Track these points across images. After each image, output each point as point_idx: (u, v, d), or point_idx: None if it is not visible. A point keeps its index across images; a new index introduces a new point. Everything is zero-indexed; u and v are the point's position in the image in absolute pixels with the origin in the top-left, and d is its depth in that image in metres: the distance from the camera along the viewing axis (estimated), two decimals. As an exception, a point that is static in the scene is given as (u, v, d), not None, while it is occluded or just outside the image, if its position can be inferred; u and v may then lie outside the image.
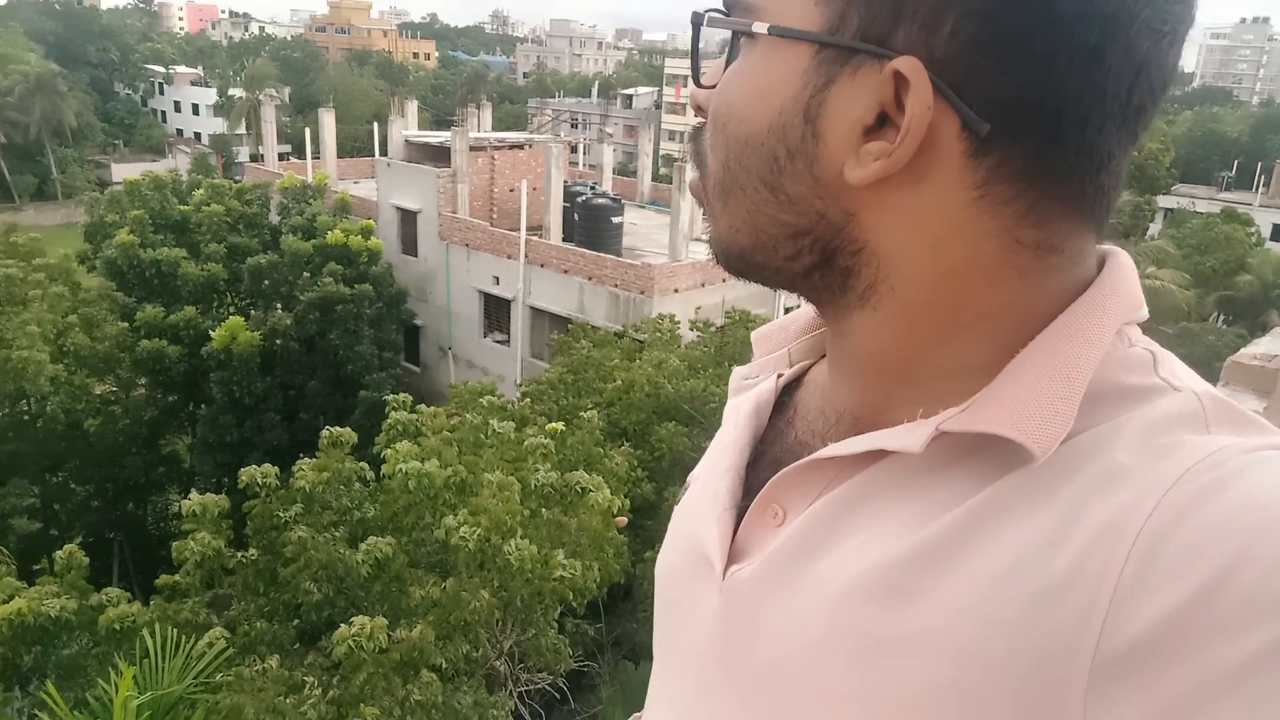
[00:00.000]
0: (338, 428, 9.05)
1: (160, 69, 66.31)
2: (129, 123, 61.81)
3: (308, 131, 29.77)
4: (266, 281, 19.27)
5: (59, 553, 8.90)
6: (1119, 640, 0.50)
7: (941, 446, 0.61)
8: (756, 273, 0.69)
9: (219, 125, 56.19)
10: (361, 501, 8.75)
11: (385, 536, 7.85)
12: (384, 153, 24.95)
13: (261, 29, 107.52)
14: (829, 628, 0.62)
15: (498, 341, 20.81)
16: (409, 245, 22.09)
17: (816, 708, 0.63)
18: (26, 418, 16.11)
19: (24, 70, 48.19)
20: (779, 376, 0.85)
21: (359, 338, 18.67)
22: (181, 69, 67.52)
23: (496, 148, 23.00)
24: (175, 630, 6.27)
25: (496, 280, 20.18)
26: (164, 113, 65.77)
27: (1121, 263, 0.66)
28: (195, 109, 62.48)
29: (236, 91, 56.13)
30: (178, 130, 63.44)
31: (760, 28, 0.62)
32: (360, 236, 20.04)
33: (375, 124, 30.73)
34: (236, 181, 24.21)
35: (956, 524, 0.59)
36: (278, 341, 17.98)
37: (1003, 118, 0.56)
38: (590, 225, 19.92)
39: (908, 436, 0.62)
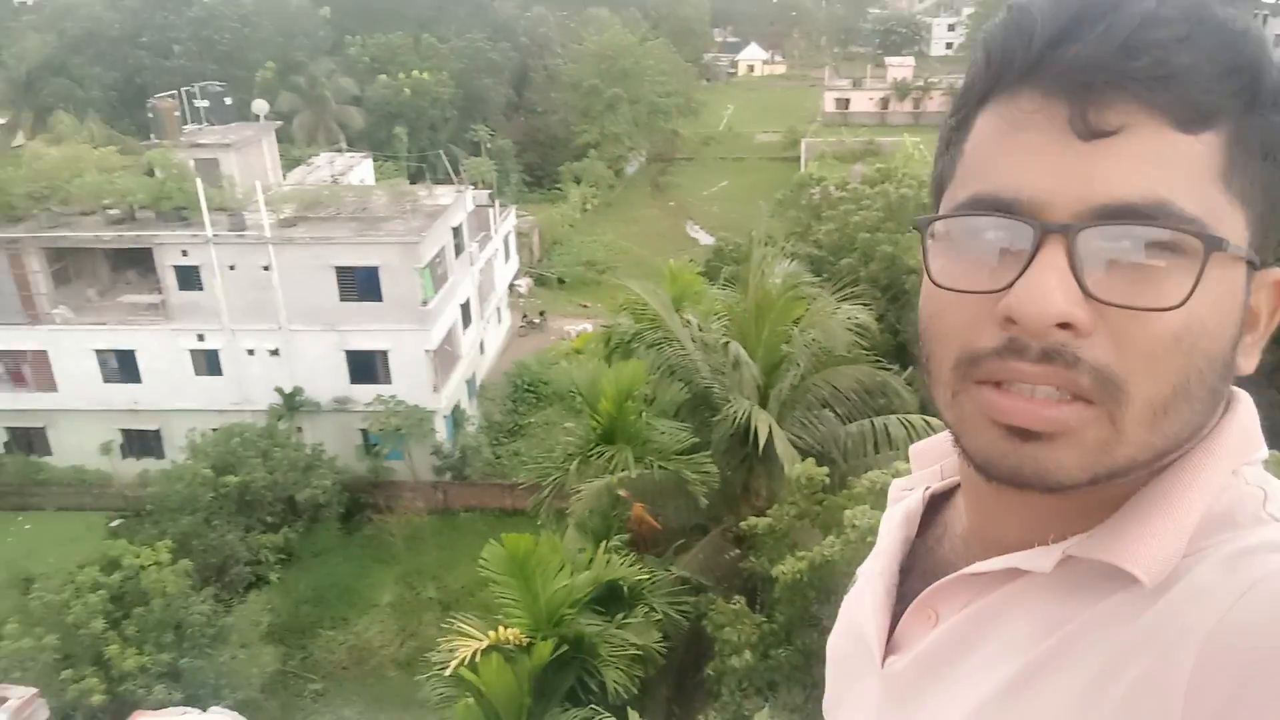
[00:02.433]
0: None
1: None
2: None
3: None
4: None
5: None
6: None
7: (1067, 568, 0.76)
8: (1119, 480, 0.73)
9: None
10: None
11: None
12: None
13: None
14: None
15: None
16: None
17: None
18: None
19: None
20: (927, 489, 1.01)
21: None
22: None
23: None
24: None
25: None
26: None
27: (1245, 407, 0.78)
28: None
29: None
30: None
31: (1238, 249, 0.69)
32: None
33: None
34: None
35: (1069, 636, 0.73)
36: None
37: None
38: None
39: (1040, 559, 0.77)
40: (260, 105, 36.62)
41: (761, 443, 14.28)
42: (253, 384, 27.57)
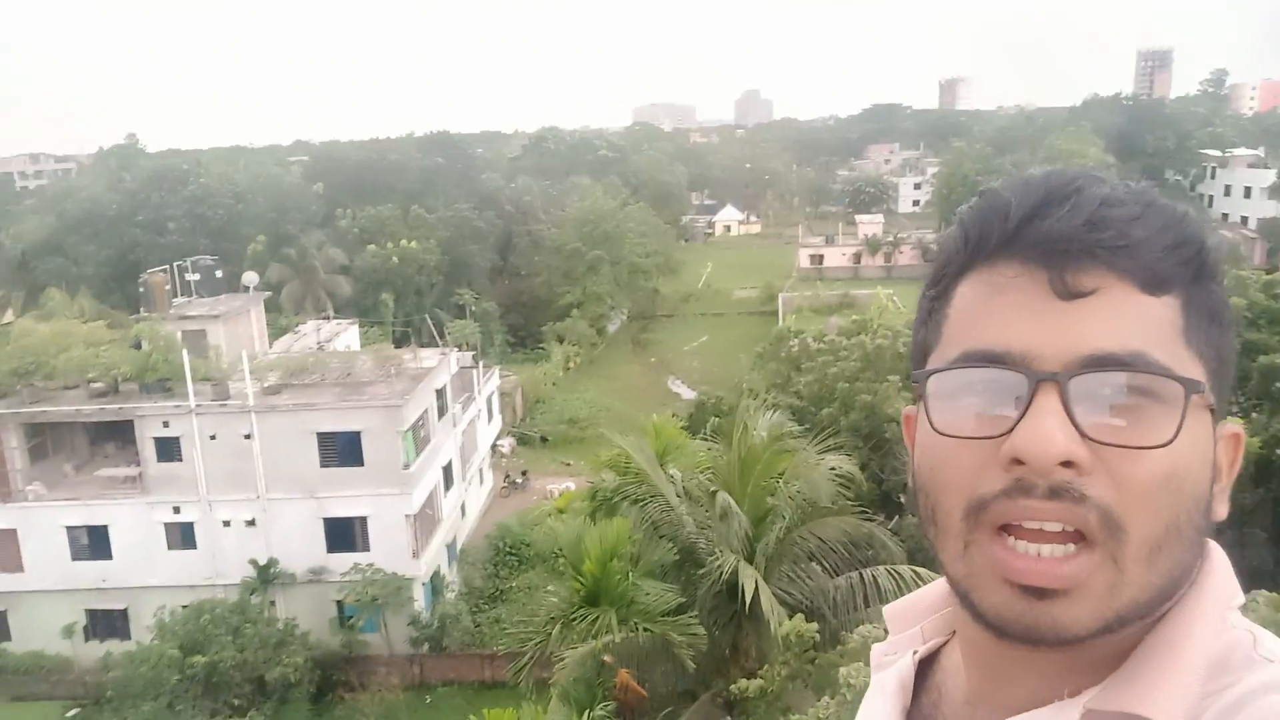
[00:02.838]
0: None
1: (1216, 153, 66.00)
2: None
3: None
4: (1276, 384, 18.24)
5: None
6: None
7: None
8: (1125, 627, 0.76)
9: (1272, 209, 54.62)
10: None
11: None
12: None
13: None
14: None
15: None
16: None
17: None
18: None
19: (1082, 162, 52.00)
20: (915, 653, 0.99)
21: None
22: (1240, 151, 67.67)
23: None
24: None
25: None
26: (1212, 197, 65.44)
27: (1219, 555, 0.84)
28: (1247, 192, 61.75)
29: None
30: (1223, 215, 62.59)
31: (1209, 397, 0.77)
32: None
33: None
34: (1269, 272, 22.97)
35: None
36: (1277, 451, 16.83)
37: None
38: None
39: (1059, 717, 0.79)
40: (250, 277, 37.47)
41: (748, 599, 13.87)
42: (227, 556, 26.87)
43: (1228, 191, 64.02)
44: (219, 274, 38.62)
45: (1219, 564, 0.83)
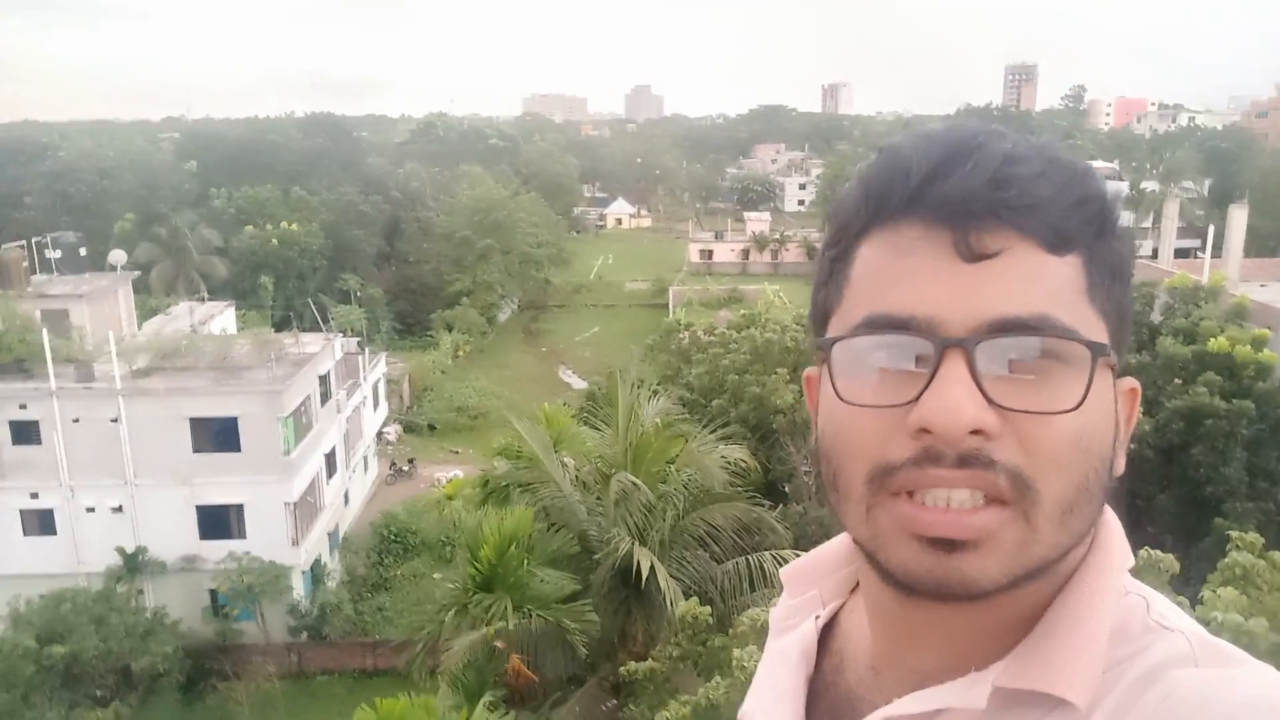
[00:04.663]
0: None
1: None
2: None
3: (1210, 229, 27.81)
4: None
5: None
6: None
7: (997, 699, 0.77)
8: (1032, 581, 0.76)
9: (1127, 219, 55.45)
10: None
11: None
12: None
13: (1191, 119, 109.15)
14: None
15: None
16: (1313, 363, 18.97)
17: None
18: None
19: None
20: (817, 618, 0.97)
21: (1227, 459, 17.27)
22: (1098, 164, 66.82)
23: None
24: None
25: None
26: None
27: (1113, 517, 0.83)
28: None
29: (1150, 184, 56.02)
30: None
31: (1113, 357, 0.77)
32: (1250, 347, 18.37)
33: None
34: None
35: None
36: (1132, 446, 16.82)
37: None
38: None
39: (971, 695, 0.78)
40: (117, 255, 35.46)
41: (645, 579, 14.06)
42: (91, 544, 25.36)
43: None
44: (83, 252, 36.43)
45: (1113, 526, 0.83)
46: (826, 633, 0.97)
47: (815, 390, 0.84)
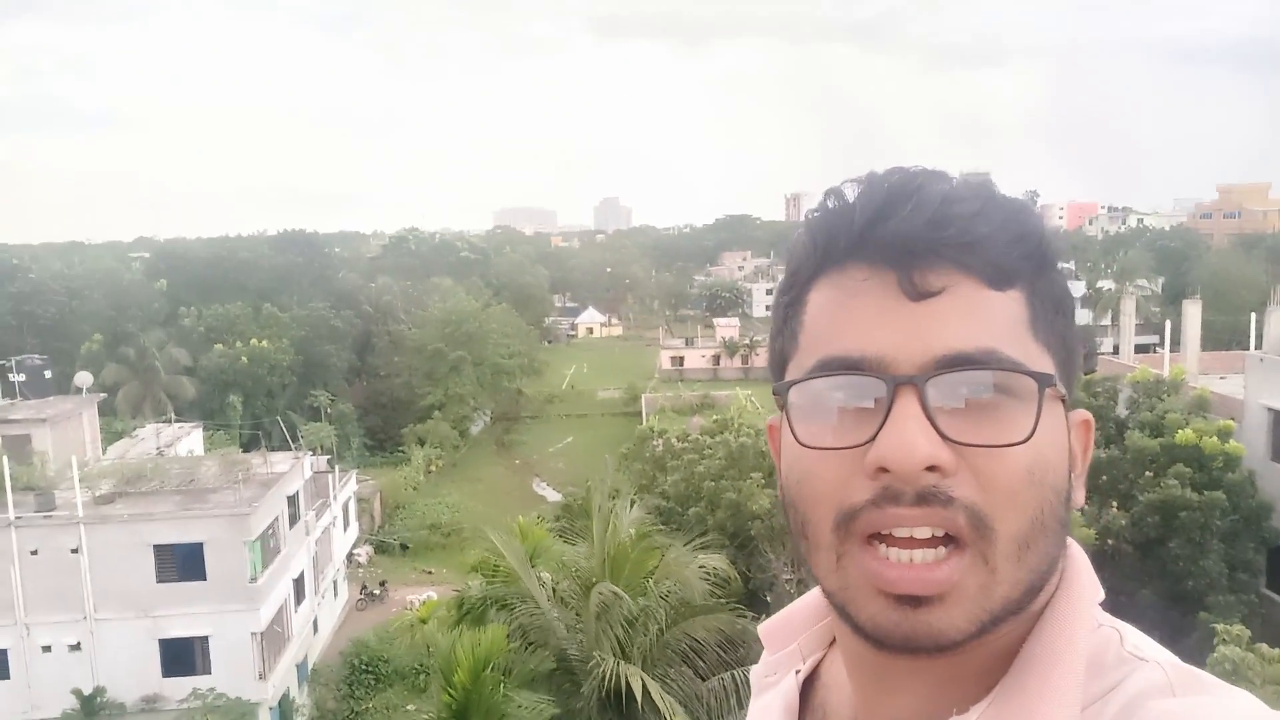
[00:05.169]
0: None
1: None
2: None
3: (1168, 324, 28.82)
4: (1104, 478, 18.22)
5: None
6: None
7: None
8: (1000, 625, 0.76)
9: (1085, 317, 56.82)
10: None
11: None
12: (1259, 345, 23.18)
13: (1140, 221, 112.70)
14: None
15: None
16: (1283, 452, 18.99)
17: None
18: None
19: None
20: (797, 672, 0.97)
21: (1205, 551, 17.22)
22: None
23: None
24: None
25: None
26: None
27: (1079, 551, 0.84)
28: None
29: (1105, 283, 58.87)
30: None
31: (1061, 388, 0.78)
32: (1216, 438, 18.54)
33: (1254, 315, 27.63)
34: (1087, 374, 23.22)
35: None
36: (1109, 542, 16.84)
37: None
38: None
39: None
40: (83, 378, 34.98)
41: (640, 700, 13.55)
42: (45, 686, 24.15)
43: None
44: (48, 374, 35.87)
45: (1080, 561, 0.84)
46: (808, 686, 0.98)
47: (777, 439, 0.85)
